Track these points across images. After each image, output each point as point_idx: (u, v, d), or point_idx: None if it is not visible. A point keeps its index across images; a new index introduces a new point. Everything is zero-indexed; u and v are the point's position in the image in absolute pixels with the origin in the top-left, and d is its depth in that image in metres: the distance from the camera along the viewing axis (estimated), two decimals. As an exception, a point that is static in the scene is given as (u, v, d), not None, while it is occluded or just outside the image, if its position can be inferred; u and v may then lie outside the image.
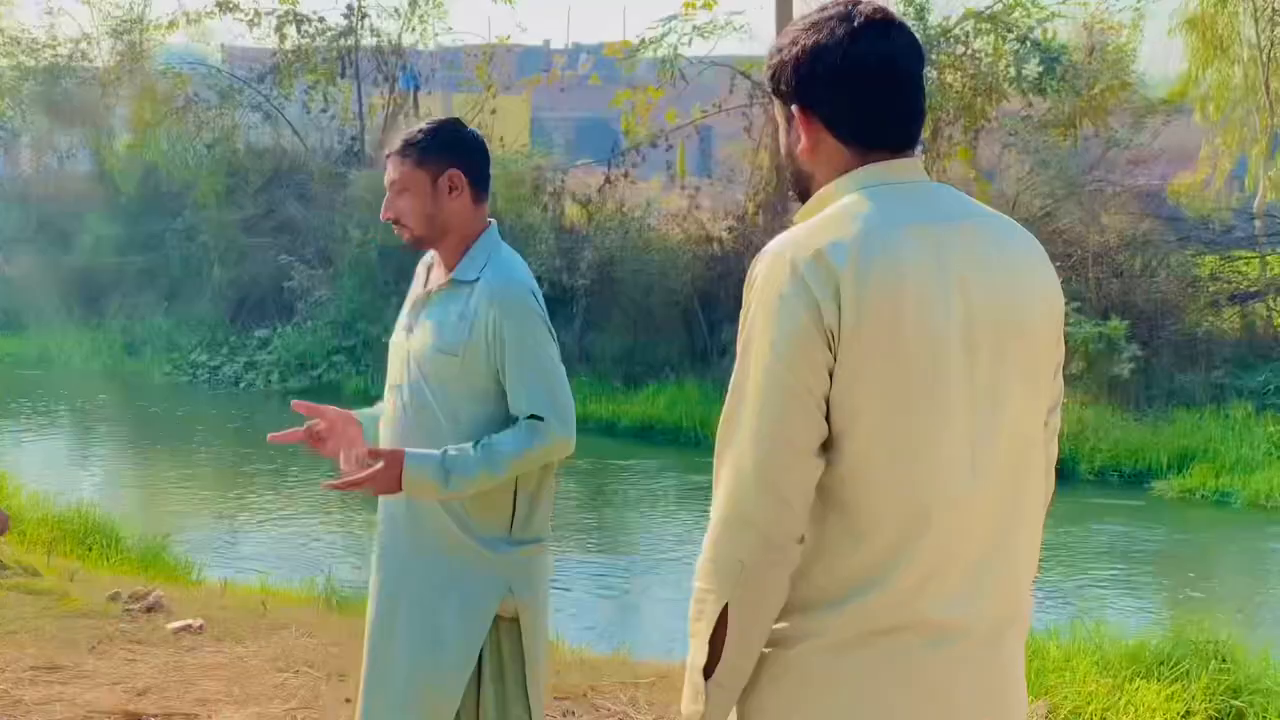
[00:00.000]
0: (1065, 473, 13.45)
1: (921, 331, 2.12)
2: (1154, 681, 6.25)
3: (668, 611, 9.74)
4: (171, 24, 25.25)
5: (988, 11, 17.52)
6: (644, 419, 16.45)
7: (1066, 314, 2.64)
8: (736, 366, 2.20)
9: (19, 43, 28.15)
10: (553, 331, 3.61)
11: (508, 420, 3.49)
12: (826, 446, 2.14)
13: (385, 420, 3.68)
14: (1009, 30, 17.31)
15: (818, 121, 2.29)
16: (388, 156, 3.70)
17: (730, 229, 19.58)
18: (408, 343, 3.68)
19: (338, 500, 13.19)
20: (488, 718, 3.56)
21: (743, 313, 2.22)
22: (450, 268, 3.67)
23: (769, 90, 2.39)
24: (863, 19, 2.25)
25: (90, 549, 9.62)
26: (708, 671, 2.21)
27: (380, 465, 3.37)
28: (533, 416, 3.46)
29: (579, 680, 6.08)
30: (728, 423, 2.21)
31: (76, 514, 10.32)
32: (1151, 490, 13.65)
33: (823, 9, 2.30)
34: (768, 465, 2.12)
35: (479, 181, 3.70)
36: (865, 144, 2.27)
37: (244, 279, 22.01)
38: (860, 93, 2.25)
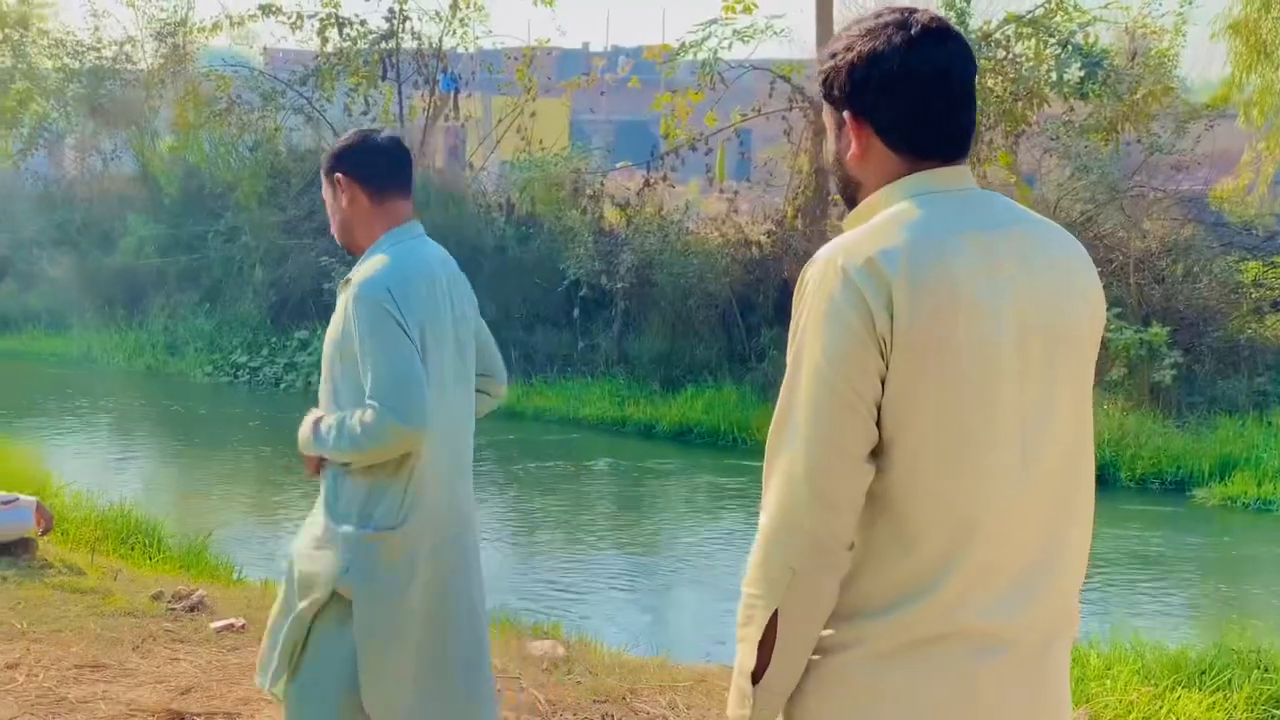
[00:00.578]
0: (1106, 479, 13.39)
1: (973, 339, 2.12)
2: (1195, 691, 6.22)
3: (706, 615, 9.74)
4: (215, 26, 25.37)
5: (1029, 16, 17.44)
6: (682, 422, 16.45)
7: (1107, 320, 2.66)
8: (788, 373, 2.20)
9: (64, 45, 28.38)
10: (406, 327, 3.69)
11: None
12: (876, 453, 2.15)
13: None
14: (1050, 34, 17.22)
15: (869, 128, 2.29)
16: None
17: (769, 233, 19.57)
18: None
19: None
20: (299, 675, 3.84)
21: (793, 319, 2.22)
22: None
23: (820, 94, 2.38)
24: (919, 27, 2.25)
25: (132, 548, 9.67)
26: (755, 676, 2.21)
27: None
28: (371, 403, 3.66)
29: (617, 683, 6.08)
30: (779, 429, 2.21)
31: (119, 513, 10.38)
32: (1193, 498, 13.57)
33: (878, 15, 2.29)
34: (819, 471, 2.13)
35: (369, 182, 3.89)
36: (917, 152, 2.27)
37: (284, 280, 22.11)
38: (914, 102, 2.25)
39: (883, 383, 2.12)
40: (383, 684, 3.77)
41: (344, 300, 3.80)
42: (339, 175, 3.93)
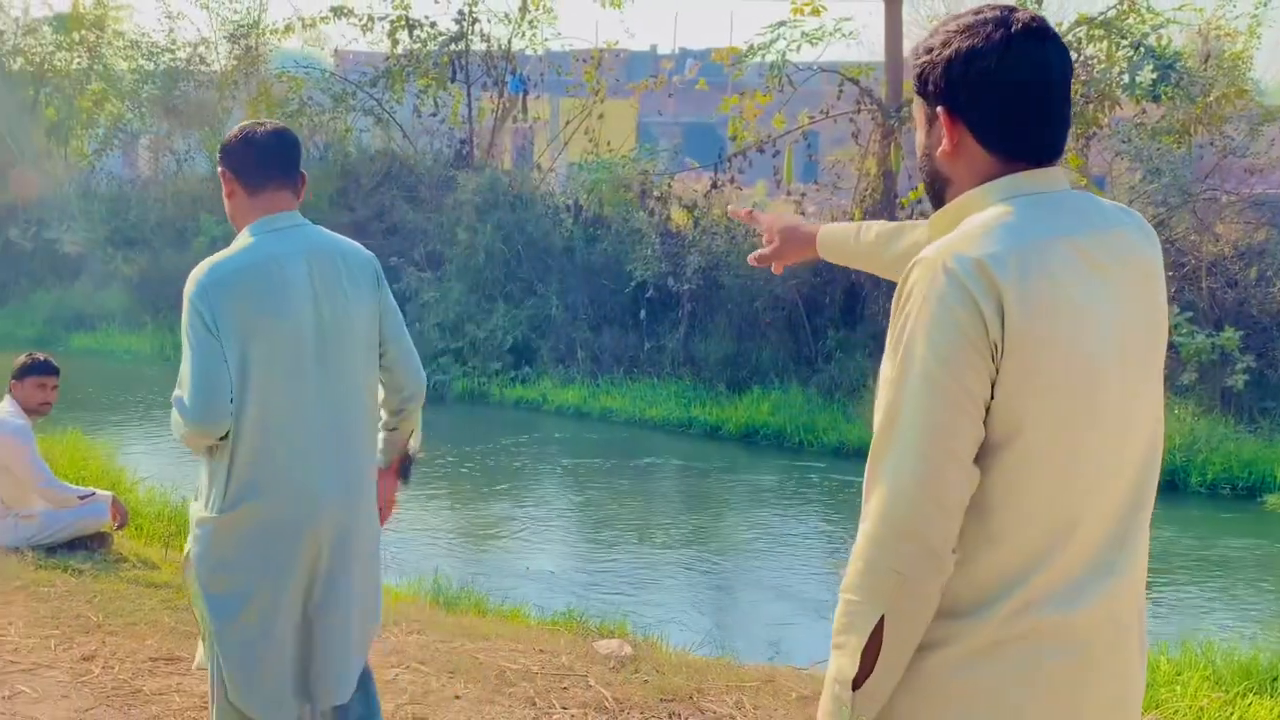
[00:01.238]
0: (1176, 485, 13.28)
1: (1078, 343, 2.14)
2: (1267, 697, 6.17)
3: (771, 616, 9.75)
4: (287, 28, 25.59)
5: (1101, 17, 17.30)
6: (748, 424, 16.43)
7: (1178, 324, 2.65)
8: (893, 375, 2.18)
9: (139, 46, 28.73)
10: (210, 322, 3.81)
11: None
12: (977, 457, 2.15)
13: None
14: (1122, 36, 17.06)
15: (963, 126, 2.28)
16: None
17: (836, 235, 19.47)
18: None
19: (444, 500, 13.33)
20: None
21: (894, 322, 2.21)
22: None
23: (914, 89, 2.38)
24: (1019, 26, 2.24)
25: (204, 543, 9.78)
26: (856, 683, 2.20)
27: None
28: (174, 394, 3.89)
29: (684, 682, 6.10)
30: (885, 432, 2.19)
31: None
32: (1264, 504, 13.40)
33: (978, 12, 2.28)
34: (930, 475, 2.12)
35: (245, 176, 4.03)
36: (1011, 152, 2.27)
37: (354, 280, 22.20)
38: (1012, 101, 2.24)
39: (992, 386, 2.12)
40: (241, 669, 3.93)
41: None
42: (221, 169, 4.08)
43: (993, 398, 2.12)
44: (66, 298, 24.53)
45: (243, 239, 4.00)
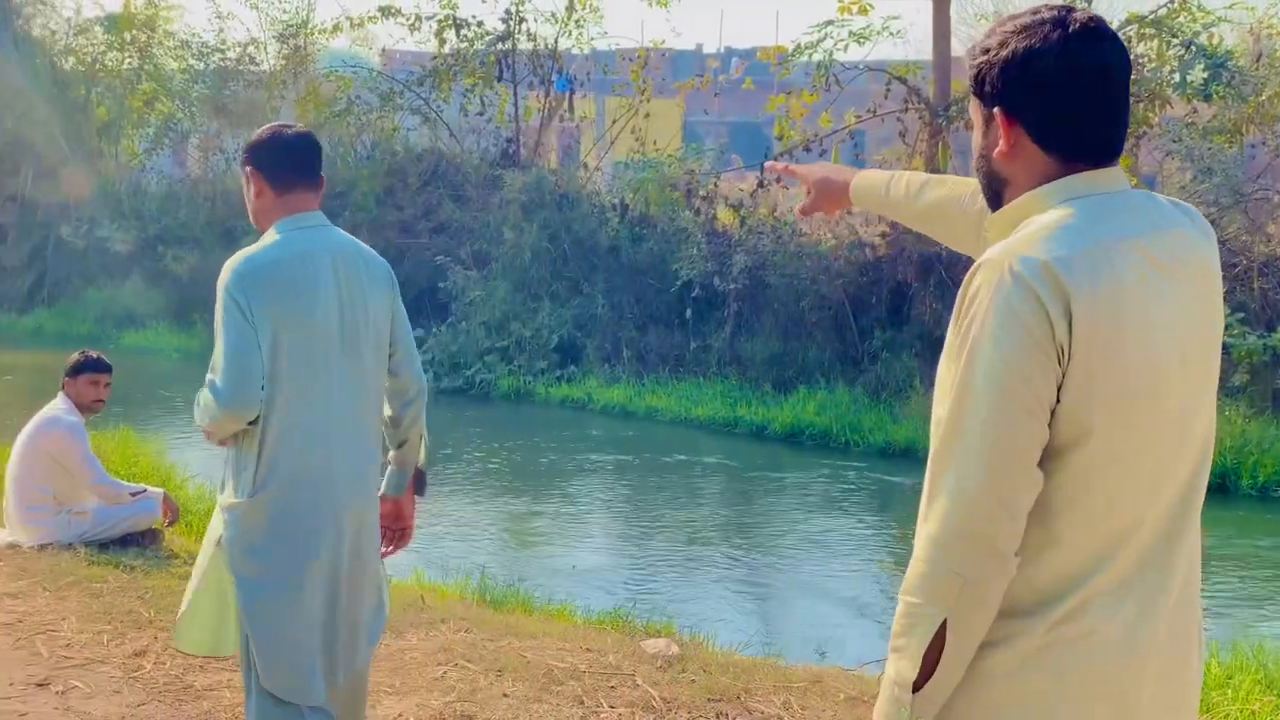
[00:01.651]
0: (1227, 487, 13.17)
1: (1142, 346, 2.13)
2: (1319, 702, 6.12)
3: (816, 617, 9.73)
4: (335, 28, 25.76)
5: (1151, 16, 17.19)
6: (793, 424, 16.40)
7: (1230, 325, 2.65)
8: (958, 379, 2.17)
9: (189, 46, 28.97)
10: (248, 312, 3.97)
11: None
12: (1041, 459, 2.15)
13: None
14: (1173, 35, 16.95)
15: (1020, 127, 2.27)
16: None
17: (883, 234, 19.44)
18: None
19: (490, 498, 13.37)
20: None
21: (957, 326, 2.20)
22: None
23: (971, 90, 2.37)
24: (1078, 26, 2.23)
25: (254, 541, 9.84)
26: (916, 686, 2.20)
27: None
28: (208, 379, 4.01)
29: (731, 682, 6.10)
30: (949, 435, 2.17)
31: (240, 506, 10.56)
32: (1316, 507, 13.29)
33: (1035, 12, 2.27)
34: (998, 478, 2.12)
35: (272, 175, 4.14)
36: (1069, 153, 2.25)
37: (400, 279, 22.00)
38: (1070, 102, 2.23)
39: (1059, 390, 2.11)
40: (271, 650, 4.05)
41: None
42: (249, 168, 4.17)
43: (1058, 401, 2.12)
44: (117, 296, 24.74)
45: (271, 235, 4.14)
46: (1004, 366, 2.10)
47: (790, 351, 18.35)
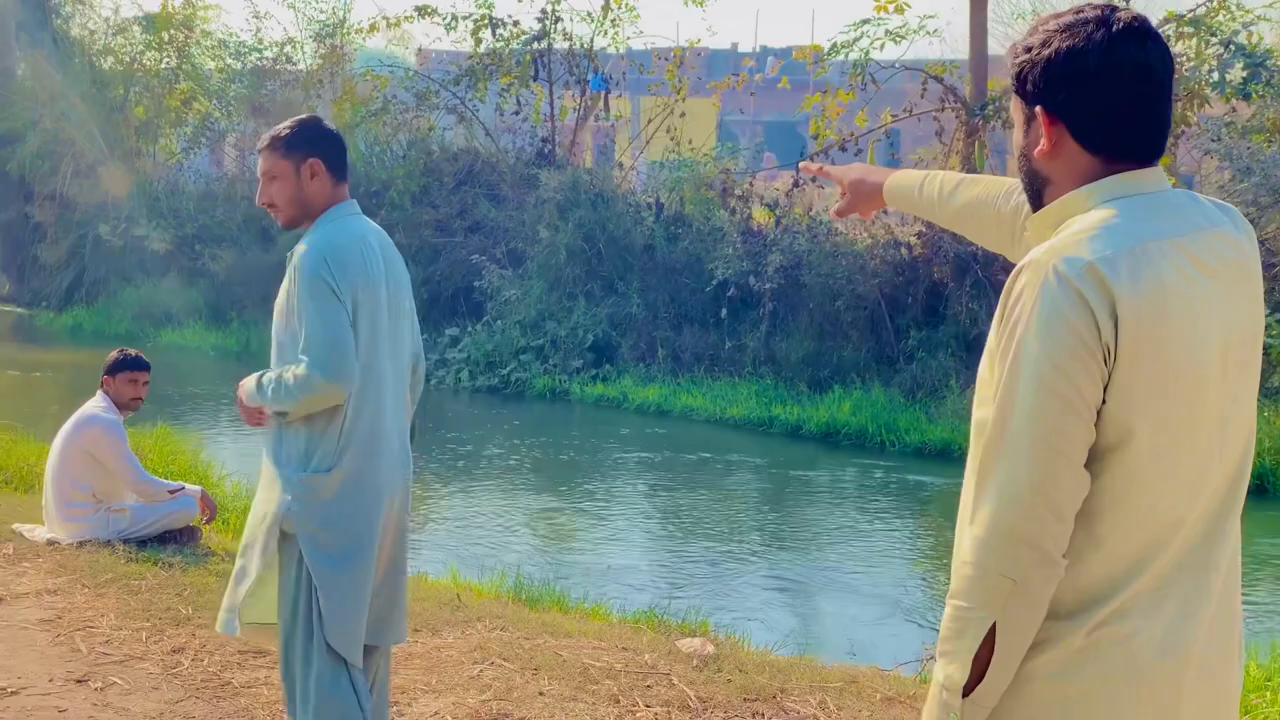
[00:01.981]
0: (1266, 488, 13.08)
1: (1185, 346, 2.13)
2: (1359, 705, 6.07)
3: (851, 617, 9.71)
4: (372, 27, 25.80)
5: (1189, 15, 17.07)
6: (829, 423, 16.36)
7: (1269, 325, 2.64)
8: (1003, 379, 2.17)
9: (227, 45, 29.12)
10: (339, 292, 4.22)
11: None
12: (1087, 460, 2.15)
13: None
14: (1211, 34, 16.83)
15: (1062, 126, 2.27)
16: (259, 151, 4.42)
17: (919, 234, 19.37)
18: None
19: (525, 497, 13.40)
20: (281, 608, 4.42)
21: (1001, 327, 2.20)
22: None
23: (1012, 89, 2.37)
24: (1121, 25, 2.22)
25: (290, 538, 9.87)
26: (966, 690, 2.20)
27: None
28: (303, 358, 4.20)
29: (767, 681, 6.10)
30: (995, 437, 2.17)
31: (277, 504, 10.61)
32: (1355, 509, 13.18)
33: (1078, 11, 2.27)
34: (1044, 479, 2.11)
35: (335, 168, 4.43)
36: (1112, 153, 2.25)
37: (436, 278, 22.36)
38: (1113, 101, 2.22)
39: (1104, 391, 2.11)
40: (340, 613, 4.30)
41: (290, 269, 4.32)
42: (313, 159, 4.39)
43: (1104, 402, 2.11)
44: (155, 294, 24.88)
45: (332, 221, 4.41)
46: (1050, 368, 2.10)
47: (825, 351, 18.31)
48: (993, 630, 2.16)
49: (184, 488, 8.52)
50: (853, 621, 9.55)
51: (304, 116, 4.56)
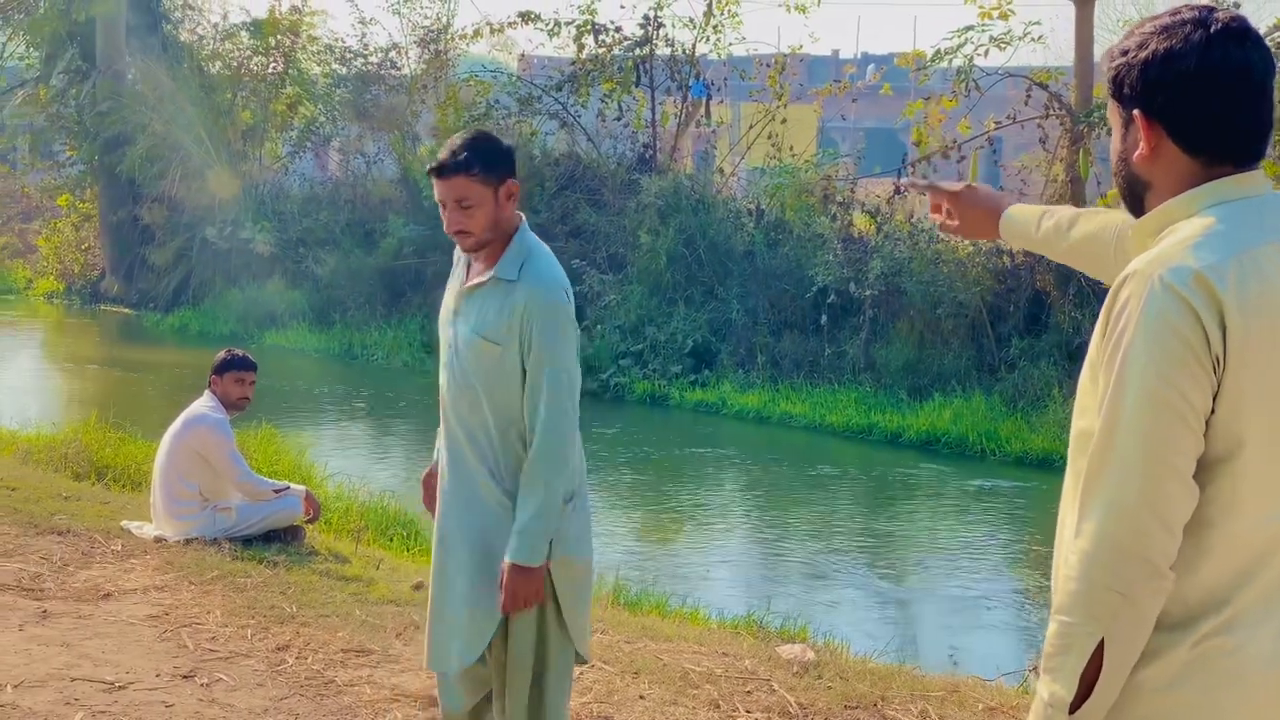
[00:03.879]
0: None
1: None
2: None
3: (951, 626, 9.63)
4: (475, 33, 25.98)
5: (1302, 19, 16.75)
6: (929, 431, 16.24)
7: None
8: (1108, 393, 2.13)
9: (333, 51, 29.41)
10: (575, 326, 4.12)
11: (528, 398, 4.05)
12: (1195, 471, 2.11)
13: (441, 391, 4.27)
14: (1321, 37, 16.51)
15: (1160, 129, 2.23)
16: (441, 175, 4.11)
17: (1022, 242, 19.17)
18: (454, 329, 4.20)
19: (624, 501, 13.42)
20: (522, 640, 4.12)
21: (1105, 337, 2.17)
22: (491, 265, 4.17)
23: (1109, 92, 2.33)
24: (1219, 26, 2.19)
25: (391, 539, 9.98)
26: (1073, 707, 2.16)
27: (510, 582, 4.01)
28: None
29: (868, 689, 6.06)
30: (1103, 448, 2.13)
31: (379, 505, 10.73)
32: None
33: (1175, 13, 2.23)
34: (1153, 491, 2.08)
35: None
36: (1211, 156, 2.21)
37: (538, 282, 22.39)
38: (1212, 103, 2.18)
39: (1214, 401, 2.08)
40: (581, 625, 4.26)
41: (514, 299, 4.09)
42: (512, 180, 4.29)
43: (1213, 412, 2.07)
44: (259, 296, 25.20)
45: (531, 242, 4.28)
46: (1158, 379, 2.07)
47: (926, 358, 18.18)
48: (1099, 646, 2.13)
49: (289, 487, 8.63)
50: (953, 630, 9.48)
51: (476, 134, 4.24)
